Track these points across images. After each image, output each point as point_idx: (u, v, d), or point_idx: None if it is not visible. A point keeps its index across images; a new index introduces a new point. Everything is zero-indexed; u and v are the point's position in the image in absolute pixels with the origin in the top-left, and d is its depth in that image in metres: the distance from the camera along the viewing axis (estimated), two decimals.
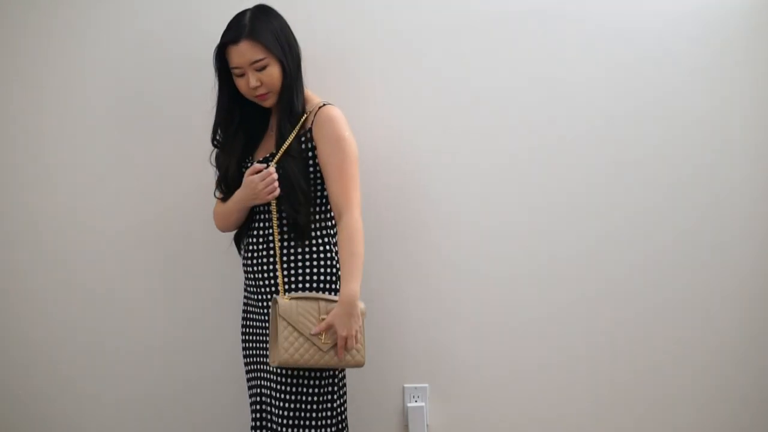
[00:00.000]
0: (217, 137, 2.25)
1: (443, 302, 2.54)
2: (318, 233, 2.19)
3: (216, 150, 2.27)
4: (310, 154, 2.18)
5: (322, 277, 2.16)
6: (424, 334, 2.54)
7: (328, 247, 2.19)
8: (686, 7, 2.51)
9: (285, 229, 2.17)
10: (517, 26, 2.50)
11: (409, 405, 2.54)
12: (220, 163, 2.26)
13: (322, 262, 2.17)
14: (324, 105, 2.18)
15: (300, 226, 2.15)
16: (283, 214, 2.16)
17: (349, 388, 2.50)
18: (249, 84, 2.13)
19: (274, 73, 2.13)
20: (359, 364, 2.13)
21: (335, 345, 2.08)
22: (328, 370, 2.16)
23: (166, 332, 2.55)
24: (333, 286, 2.17)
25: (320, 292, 2.14)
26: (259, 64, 2.11)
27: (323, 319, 2.08)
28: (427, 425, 2.54)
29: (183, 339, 2.55)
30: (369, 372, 2.52)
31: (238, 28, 2.12)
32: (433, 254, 2.53)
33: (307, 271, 2.16)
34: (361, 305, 2.12)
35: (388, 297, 2.53)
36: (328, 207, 2.21)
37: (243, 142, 2.24)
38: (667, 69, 2.51)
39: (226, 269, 2.47)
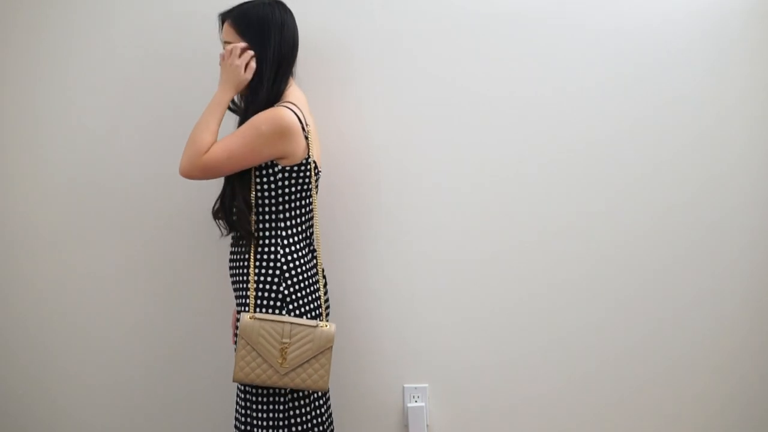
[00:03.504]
0: None
1: (443, 302, 2.54)
2: (266, 241, 2.14)
3: None
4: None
5: (268, 286, 2.11)
6: (424, 334, 2.54)
7: (277, 252, 2.13)
8: (687, 7, 2.51)
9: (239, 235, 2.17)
10: (515, 27, 2.50)
11: (409, 405, 2.54)
12: None
13: (270, 270, 2.12)
14: (277, 105, 2.12)
15: (242, 229, 2.13)
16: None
17: (349, 388, 2.51)
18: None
19: None
20: (320, 389, 2.09)
21: (295, 368, 2.07)
22: (275, 389, 2.12)
23: (170, 330, 2.56)
24: (279, 296, 2.11)
25: (272, 306, 2.11)
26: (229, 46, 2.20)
27: (285, 344, 2.06)
28: (427, 425, 2.54)
29: (185, 337, 2.56)
30: (369, 372, 2.53)
31: (233, 8, 2.19)
32: (434, 255, 2.53)
33: (257, 278, 2.12)
34: (332, 327, 2.10)
35: (387, 297, 2.53)
36: (280, 214, 2.15)
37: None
38: (666, 70, 2.51)
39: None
